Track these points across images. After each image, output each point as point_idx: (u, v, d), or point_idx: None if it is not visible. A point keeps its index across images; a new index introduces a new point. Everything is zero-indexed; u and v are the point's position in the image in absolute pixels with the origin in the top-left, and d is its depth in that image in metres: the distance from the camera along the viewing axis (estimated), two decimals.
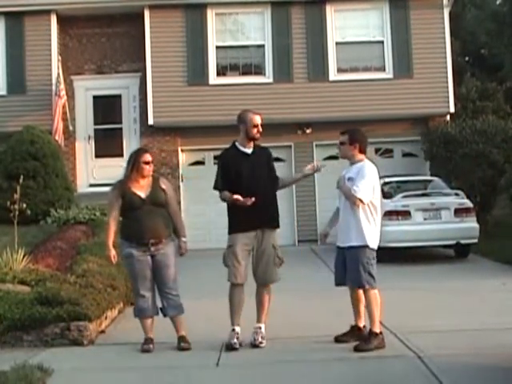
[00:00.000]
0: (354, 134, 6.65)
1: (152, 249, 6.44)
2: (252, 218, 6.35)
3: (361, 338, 6.32)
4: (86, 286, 7.69)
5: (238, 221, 6.41)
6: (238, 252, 6.37)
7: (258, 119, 6.60)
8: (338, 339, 6.43)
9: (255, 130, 6.54)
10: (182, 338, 6.53)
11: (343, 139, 6.61)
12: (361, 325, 6.49)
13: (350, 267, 6.35)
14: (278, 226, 6.65)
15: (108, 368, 5.96)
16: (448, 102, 15.88)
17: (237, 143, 6.62)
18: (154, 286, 6.59)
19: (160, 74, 15.59)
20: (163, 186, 6.64)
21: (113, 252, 6.54)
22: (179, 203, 15.64)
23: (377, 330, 6.23)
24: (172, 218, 6.68)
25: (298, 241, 15.86)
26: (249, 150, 6.59)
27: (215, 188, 6.55)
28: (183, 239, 6.62)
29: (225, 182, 6.50)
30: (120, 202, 6.51)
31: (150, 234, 6.42)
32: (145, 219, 6.42)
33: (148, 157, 6.61)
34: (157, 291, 6.67)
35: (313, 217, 15.96)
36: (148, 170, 6.57)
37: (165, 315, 6.62)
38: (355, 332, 6.46)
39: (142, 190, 6.52)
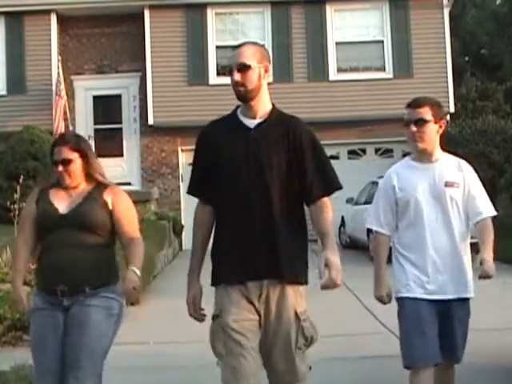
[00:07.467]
0: (439, 107, 3.95)
1: (64, 301, 3.63)
2: (248, 255, 3.26)
3: None
4: None
5: (224, 260, 3.30)
6: (233, 326, 3.21)
7: (233, 57, 3.31)
8: None
9: (233, 79, 3.30)
10: None
11: (423, 113, 3.84)
12: None
13: (457, 334, 3.94)
14: (301, 281, 3.53)
15: (107, 368, 5.93)
16: (448, 101, 15.86)
17: (238, 110, 3.46)
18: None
19: (160, 74, 15.61)
20: (106, 198, 3.74)
21: (22, 295, 3.73)
22: (179, 203, 15.63)
23: None
24: (123, 246, 3.75)
25: None
26: (252, 122, 3.37)
27: (188, 192, 3.52)
28: (132, 268, 3.55)
29: (198, 182, 3.46)
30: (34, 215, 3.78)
31: (61, 277, 3.61)
32: (60, 250, 3.63)
33: (60, 154, 3.71)
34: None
35: None
36: (63, 174, 3.71)
37: None
38: None
39: (65, 200, 3.73)
